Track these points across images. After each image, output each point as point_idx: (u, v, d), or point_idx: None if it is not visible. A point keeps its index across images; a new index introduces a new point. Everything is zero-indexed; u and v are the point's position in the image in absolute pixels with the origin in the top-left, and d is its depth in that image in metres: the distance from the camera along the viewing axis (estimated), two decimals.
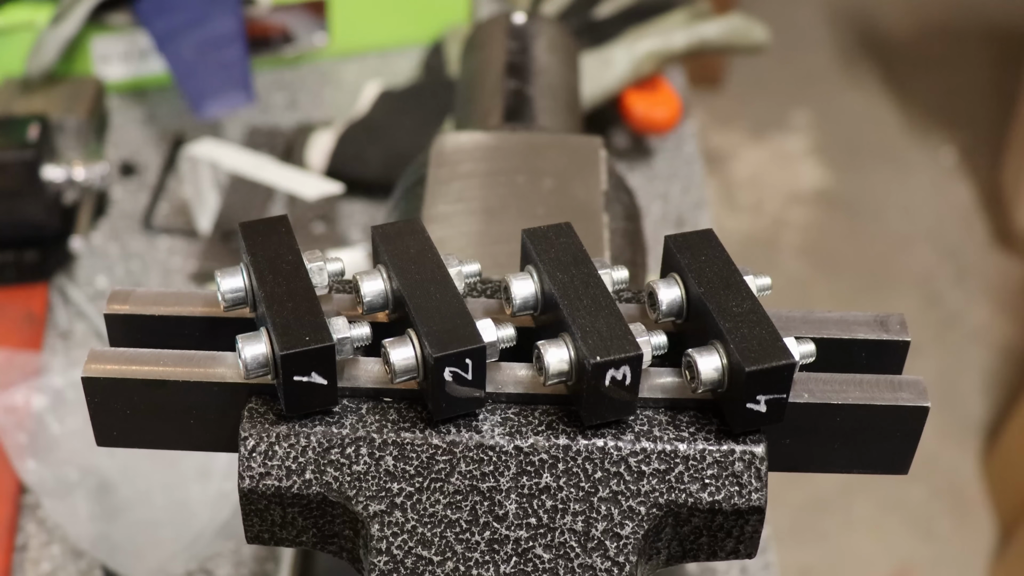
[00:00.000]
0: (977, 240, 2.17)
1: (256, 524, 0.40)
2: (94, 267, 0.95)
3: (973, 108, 2.42)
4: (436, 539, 0.38)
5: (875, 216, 2.21)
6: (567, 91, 0.74)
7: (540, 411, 0.39)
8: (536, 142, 0.63)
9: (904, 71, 2.53)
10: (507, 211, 0.58)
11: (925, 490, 1.78)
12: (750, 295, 0.39)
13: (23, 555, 0.76)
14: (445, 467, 0.38)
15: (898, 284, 2.09)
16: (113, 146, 1.05)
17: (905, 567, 1.71)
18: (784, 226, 2.19)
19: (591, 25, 1.05)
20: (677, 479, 0.38)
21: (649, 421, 0.39)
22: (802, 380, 0.40)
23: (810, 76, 2.51)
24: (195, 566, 0.76)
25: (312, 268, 0.40)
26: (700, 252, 0.40)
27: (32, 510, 0.79)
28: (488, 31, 0.77)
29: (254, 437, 0.38)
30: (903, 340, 0.42)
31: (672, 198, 1.04)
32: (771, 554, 0.80)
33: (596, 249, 0.55)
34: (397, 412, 0.39)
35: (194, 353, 0.40)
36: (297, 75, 1.14)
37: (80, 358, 0.82)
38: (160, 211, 0.99)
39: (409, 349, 0.37)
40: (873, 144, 2.36)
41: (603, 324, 0.38)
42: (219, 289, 0.40)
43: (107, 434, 0.41)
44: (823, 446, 0.41)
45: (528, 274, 0.41)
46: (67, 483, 0.76)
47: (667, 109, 1.03)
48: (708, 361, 0.38)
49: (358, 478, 0.38)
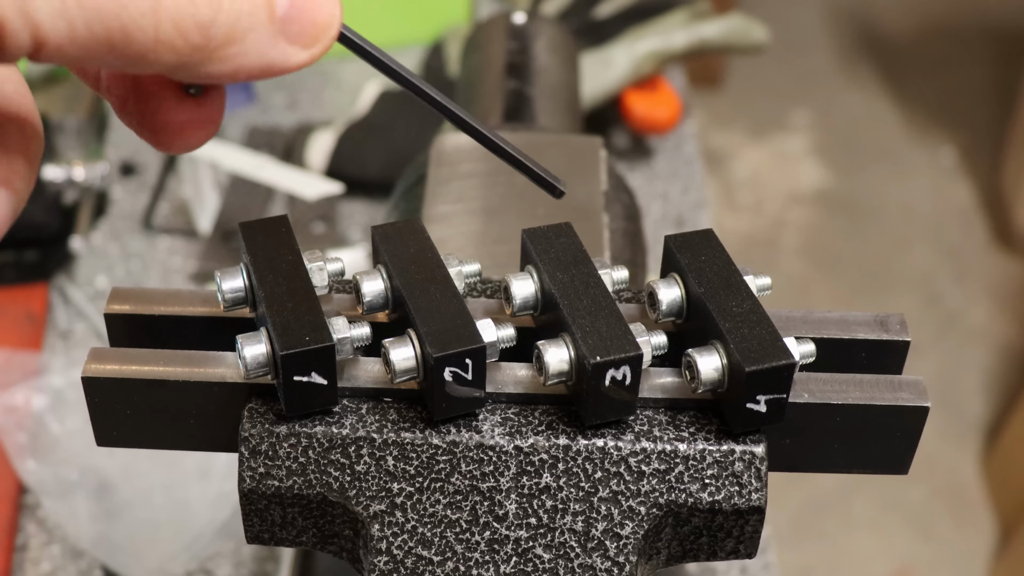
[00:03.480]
0: (977, 240, 2.17)
1: (256, 524, 0.40)
2: (94, 267, 0.95)
3: (973, 108, 2.42)
4: (436, 539, 0.38)
5: (875, 216, 2.21)
6: (567, 91, 0.74)
7: (540, 411, 0.39)
8: (536, 142, 0.63)
9: (904, 71, 2.53)
10: (507, 211, 0.58)
11: (925, 490, 1.78)
12: (750, 295, 0.39)
13: (23, 555, 0.76)
14: (445, 467, 0.38)
15: (898, 284, 2.09)
16: (113, 146, 1.05)
17: (905, 567, 1.71)
18: (784, 226, 2.19)
19: (591, 25, 1.05)
20: (677, 479, 0.38)
21: (649, 421, 0.39)
22: (802, 380, 0.40)
23: (810, 76, 2.51)
24: (195, 566, 0.76)
25: (312, 268, 0.40)
26: (700, 252, 0.40)
27: (32, 510, 0.79)
28: (488, 31, 0.77)
29: (255, 437, 0.38)
30: (903, 340, 0.42)
31: (672, 198, 1.04)
32: (771, 554, 0.80)
33: (596, 249, 0.55)
34: (397, 412, 0.39)
35: (194, 353, 0.40)
36: (297, 75, 1.14)
37: (80, 358, 0.82)
38: (160, 211, 0.99)
39: (409, 349, 0.37)
40: (873, 144, 2.36)
41: (603, 324, 0.38)
42: (219, 289, 0.40)
43: (107, 434, 0.41)
44: (823, 446, 0.41)
45: (528, 274, 0.41)
46: (67, 483, 0.76)
47: (667, 109, 1.03)
48: (708, 361, 0.38)
49: (358, 478, 0.38)
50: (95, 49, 0.26)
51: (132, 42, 0.27)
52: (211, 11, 0.27)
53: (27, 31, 0.26)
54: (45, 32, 0.26)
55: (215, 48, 0.28)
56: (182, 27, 0.27)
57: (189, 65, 0.28)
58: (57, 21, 0.26)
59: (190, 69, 0.28)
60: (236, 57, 0.28)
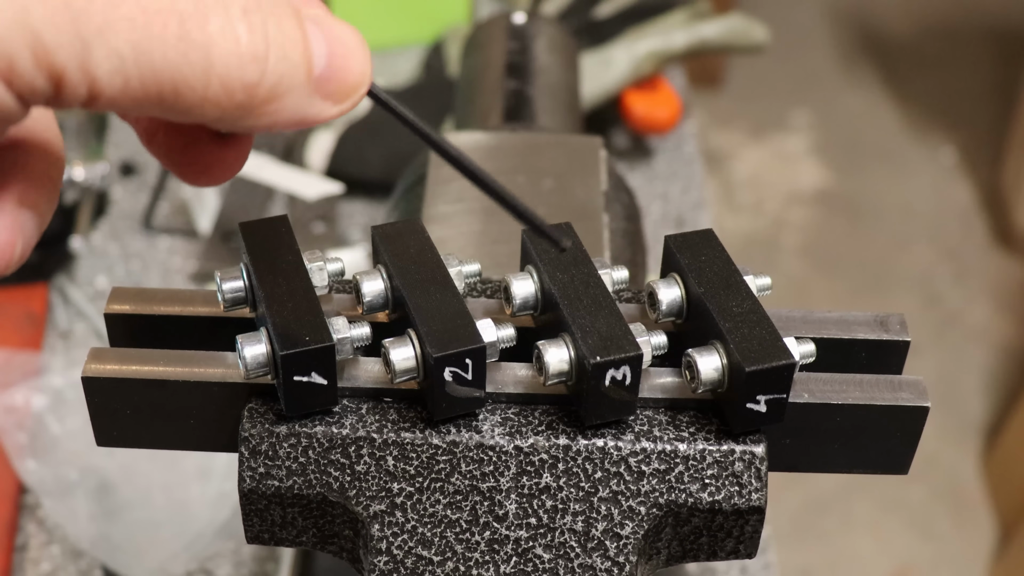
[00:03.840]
0: (977, 240, 2.17)
1: (256, 524, 0.40)
2: (94, 267, 0.95)
3: (973, 108, 2.43)
4: (436, 539, 0.38)
5: (875, 216, 2.21)
6: (567, 91, 0.74)
7: (540, 411, 0.39)
8: (536, 142, 0.63)
9: (904, 71, 2.53)
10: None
11: (925, 490, 1.78)
12: (750, 295, 0.39)
13: (23, 555, 0.76)
14: (445, 467, 0.38)
15: (898, 284, 2.09)
16: (113, 146, 1.05)
17: (905, 567, 1.71)
18: (784, 226, 2.19)
19: (591, 25, 1.05)
20: (677, 479, 0.38)
21: (649, 421, 0.39)
22: (802, 380, 0.40)
23: (810, 76, 2.51)
24: (195, 566, 0.76)
25: (312, 268, 0.40)
26: (700, 252, 0.40)
27: (32, 510, 0.79)
28: (488, 31, 0.77)
29: (255, 437, 0.38)
30: (903, 340, 0.42)
31: (672, 198, 1.04)
32: (771, 554, 0.80)
33: (596, 249, 0.55)
34: (397, 412, 0.39)
35: (194, 353, 0.40)
36: None
37: (80, 358, 0.82)
38: (160, 211, 0.99)
39: (409, 349, 0.37)
40: (873, 144, 2.36)
41: (603, 324, 0.38)
42: (219, 289, 0.40)
43: (107, 434, 0.41)
44: (823, 446, 0.41)
45: (528, 274, 0.40)
46: (67, 483, 0.76)
47: (667, 109, 1.03)
48: (708, 361, 0.38)
49: (359, 478, 0.38)
50: (145, 102, 0.28)
51: (181, 98, 0.28)
52: (257, 73, 0.29)
53: (85, 85, 0.27)
54: (101, 87, 0.27)
55: (257, 105, 0.29)
56: (229, 87, 0.28)
57: (230, 119, 0.29)
58: (114, 77, 0.27)
59: (230, 122, 0.29)
60: (274, 113, 0.30)
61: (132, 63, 0.27)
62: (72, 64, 0.26)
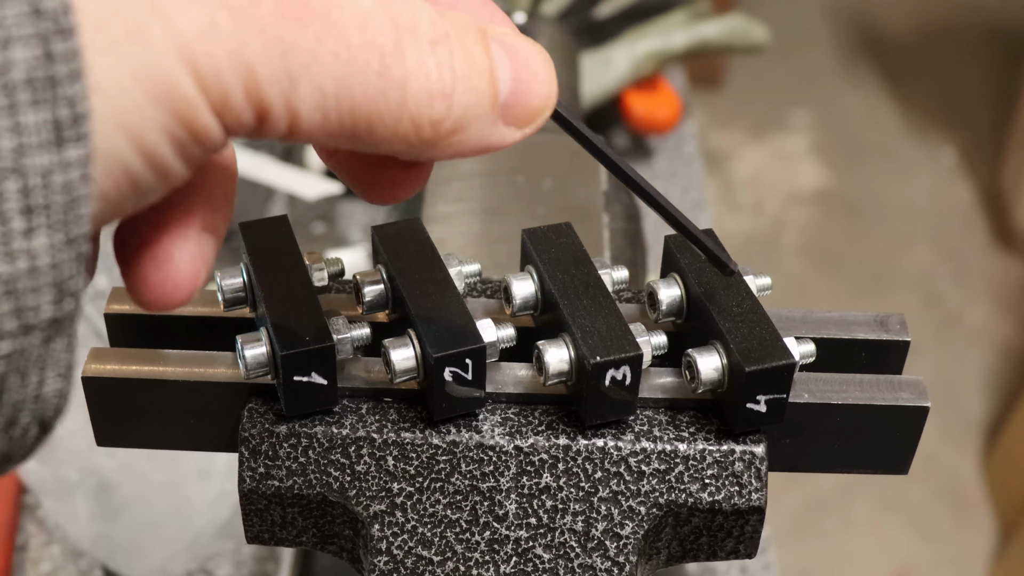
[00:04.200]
0: (977, 240, 2.17)
1: (256, 524, 0.40)
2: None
3: (973, 108, 2.43)
4: (436, 539, 0.38)
5: (875, 216, 2.21)
6: (567, 91, 0.74)
7: (540, 411, 0.39)
8: (536, 142, 0.63)
9: (904, 71, 2.53)
10: (507, 211, 0.58)
11: (925, 490, 1.78)
12: (750, 295, 0.39)
13: (23, 555, 0.76)
14: (445, 467, 0.38)
15: (898, 284, 2.09)
16: None
17: (905, 567, 1.71)
18: (784, 226, 2.19)
19: (591, 25, 1.05)
20: (677, 479, 0.38)
21: (649, 421, 0.39)
22: (802, 380, 0.40)
23: (810, 76, 2.51)
24: (195, 566, 0.76)
25: (312, 268, 0.40)
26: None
27: (32, 510, 0.79)
28: None
29: (255, 437, 0.38)
30: (903, 340, 0.42)
31: (672, 198, 1.04)
32: (771, 554, 0.80)
33: (596, 249, 0.55)
34: (397, 412, 0.39)
35: (194, 353, 0.40)
36: None
37: (80, 358, 0.82)
38: None
39: (409, 349, 0.37)
40: (873, 144, 2.36)
41: (603, 324, 0.38)
42: (219, 289, 0.40)
43: (107, 434, 0.41)
44: (823, 446, 0.41)
45: (528, 274, 0.40)
46: (67, 483, 0.76)
47: (667, 109, 1.03)
48: (708, 361, 0.38)
49: (358, 478, 0.38)
50: (339, 136, 0.28)
51: (373, 134, 0.28)
52: (444, 109, 0.29)
53: (286, 119, 0.27)
54: (301, 121, 0.27)
55: (442, 138, 0.29)
56: (418, 124, 0.28)
57: (415, 152, 0.29)
58: (314, 112, 0.27)
59: (415, 154, 0.30)
60: (458, 144, 0.30)
61: (333, 98, 0.27)
62: (279, 99, 0.26)
